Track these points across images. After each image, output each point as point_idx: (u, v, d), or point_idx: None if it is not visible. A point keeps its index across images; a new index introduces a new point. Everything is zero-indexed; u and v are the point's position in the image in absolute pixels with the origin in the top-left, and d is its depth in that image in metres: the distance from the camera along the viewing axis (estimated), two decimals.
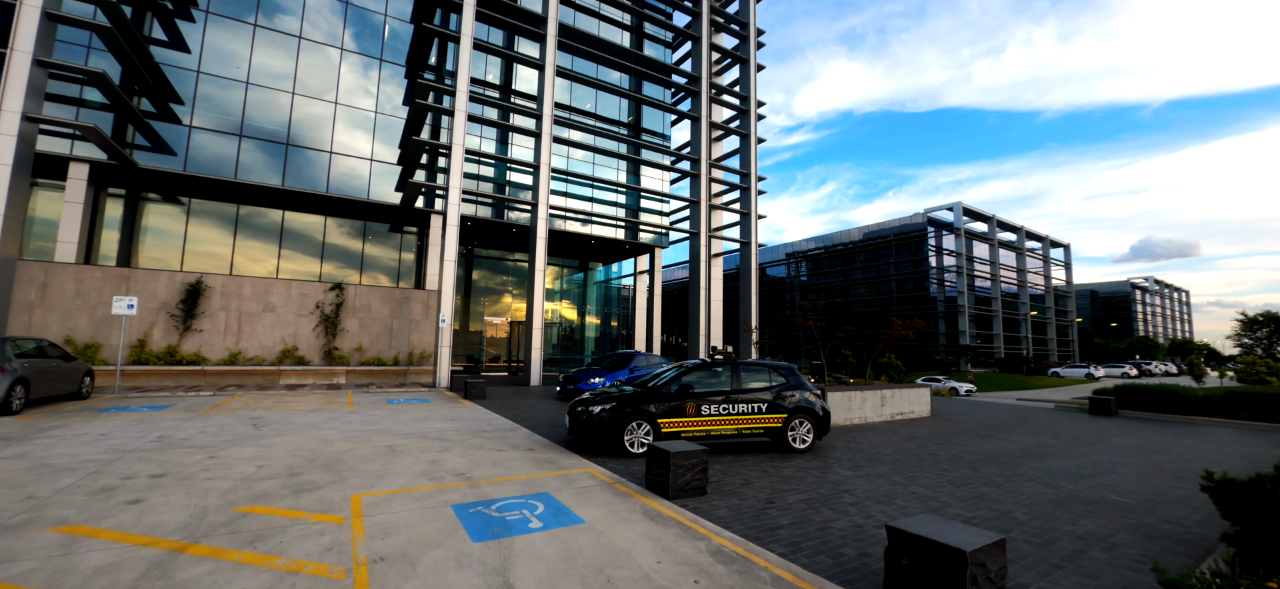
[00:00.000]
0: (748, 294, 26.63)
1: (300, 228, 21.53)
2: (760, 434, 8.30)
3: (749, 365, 8.64)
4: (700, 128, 25.49)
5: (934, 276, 67.29)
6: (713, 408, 7.90)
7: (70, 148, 16.69)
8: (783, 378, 8.66)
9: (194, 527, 4.60)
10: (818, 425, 8.63)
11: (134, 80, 17.80)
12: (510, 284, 30.57)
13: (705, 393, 7.98)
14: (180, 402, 12.37)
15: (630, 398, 7.81)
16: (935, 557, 3.47)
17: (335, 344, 19.02)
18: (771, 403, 8.28)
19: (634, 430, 7.60)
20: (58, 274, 15.96)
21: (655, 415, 7.66)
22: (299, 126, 19.92)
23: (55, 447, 7.34)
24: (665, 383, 8.11)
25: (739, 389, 8.20)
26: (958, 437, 11.28)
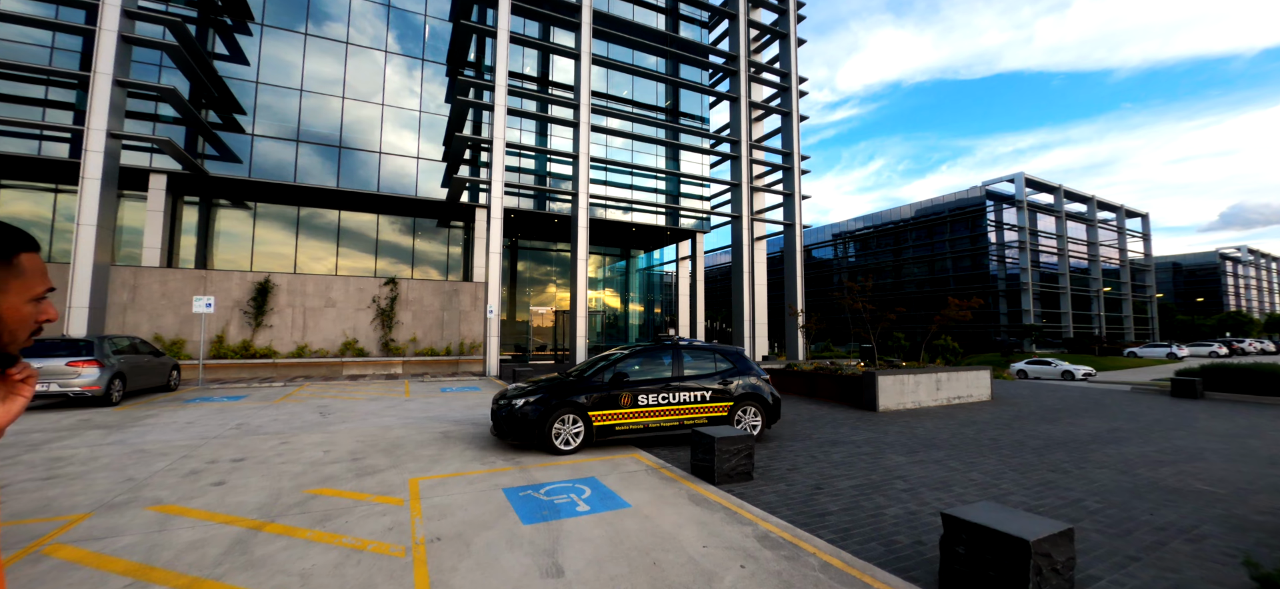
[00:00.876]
0: (793, 277, 26.05)
1: (355, 227, 22.58)
2: (704, 424, 7.62)
3: (693, 350, 8.06)
4: (739, 108, 24.96)
5: (994, 253, 63.69)
6: (652, 398, 7.33)
7: (149, 161, 18.06)
8: (729, 362, 8.11)
9: (270, 507, 4.95)
10: (767, 413, 8.04)
11: (201, 94, 19.05)
12: (554, 274, 31.08)
13: (643, 381, 7.41)
14: (255, 392, 13.30)
15: (557, 389, 7.16)
16: (995, 546, 3.31)
17: (391, 336, 19.92)
18: (717, 391, 7.76)
19: (562, 426, 6.95)
20: (145, 277, 17.37)
21: (586, 407, 7.04)
22: (350, 129, 20.83)
23: (149, 433, 8.05)
24: (597, 371, 7.47)
25: (681, 377, 7.64)
26: (1020, 421, 10.71)
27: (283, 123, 19.95)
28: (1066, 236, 67.51)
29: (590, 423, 7.07)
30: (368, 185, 20.82)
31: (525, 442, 6.95)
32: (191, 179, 19.24)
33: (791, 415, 10.76)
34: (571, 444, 6.97)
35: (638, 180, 26.44)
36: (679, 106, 27.51)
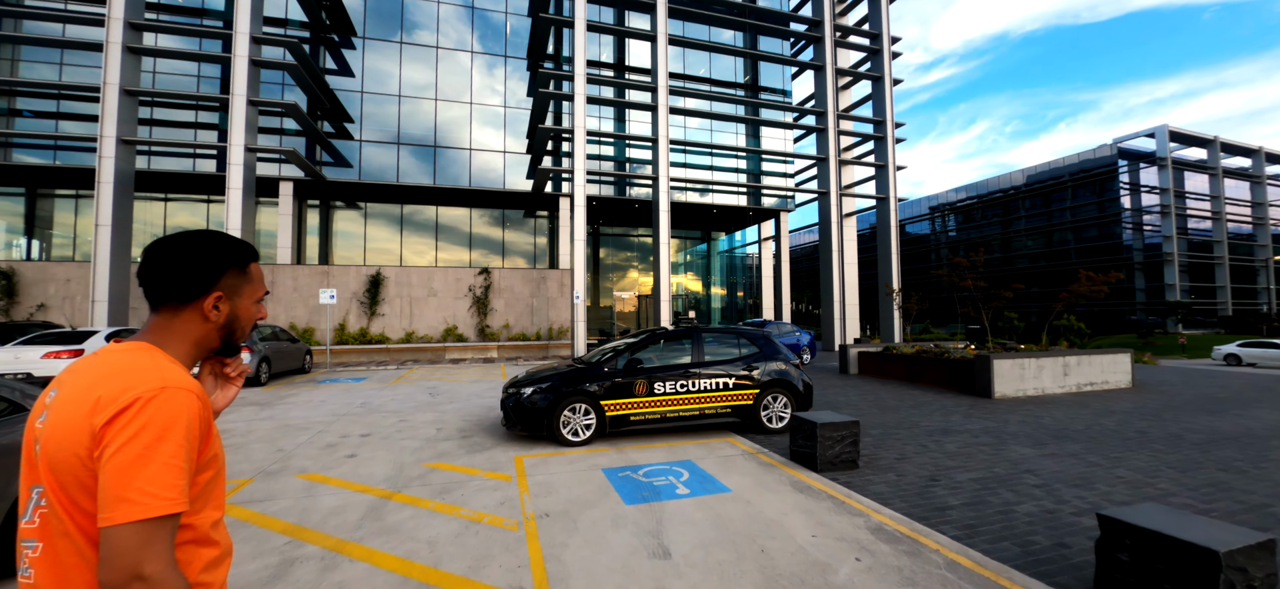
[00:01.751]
0: (887, 254, 24.43)
1: (450, 221, 24.09)
2: (727, 413, 7.20)
3: (715, 333, 7.63)
4: (825, 77, 23.60)
5: (1128, 220, 55.86)
6: (669, 385, 6.91)
7: (278, 170, 20.31)
8: (754, 346, 7.58)
9: (396, 478, 5.40)
10: (797, 400, 7.48)
11: (316, 107, 21.06)
12: (635, 260, 31.39)
13: (660, 368, 7.01)
14: (373, 374, 14.66)
15: (567, 377, 6.81)
16: (1172, 555, 2.86)
17: (486, 322, 21.12)
18: (741, 378, 7.25)
19: (572, 415, 6.64)
20: (278, 274, 19.61)
21: (597, 396, 6.69)
22: (442, 129, 22.15)
23: (292, 410, 9.10)
24: (610, 357, 7.10)
25: (701, 362, 7.18)
26: (1173, 412, 9.33)
27: (384, 128, 21.62)
28: (1223, 198, 57.78)
29: (602, 413, 6.72)
30: (460, 181, 22.08)
31: (533, 431, 6.67)
32: (312, 184, 21.41)
33: (893, 402, 10.11)
34: (581, 435, 6.64)
35: (717, 160, 25.92)
36: (758, 81, 26.52)
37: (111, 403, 0.96)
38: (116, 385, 0.98)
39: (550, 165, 20.83)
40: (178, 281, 1.11)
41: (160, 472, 0.95)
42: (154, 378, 1.00)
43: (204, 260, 1.13)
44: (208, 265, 1.13)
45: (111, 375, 1.00)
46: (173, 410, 0.98)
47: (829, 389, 11.87)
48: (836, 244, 23.65)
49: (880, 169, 24.68)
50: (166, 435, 0.97)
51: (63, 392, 1.03)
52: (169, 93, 17.75)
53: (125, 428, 0.95)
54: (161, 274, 1.10)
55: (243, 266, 1.19)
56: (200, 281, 1.12)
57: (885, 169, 24.30)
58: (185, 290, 1.11)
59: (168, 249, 1.12)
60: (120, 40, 16.05)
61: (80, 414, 0.97)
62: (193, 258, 1.12)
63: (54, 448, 0.99)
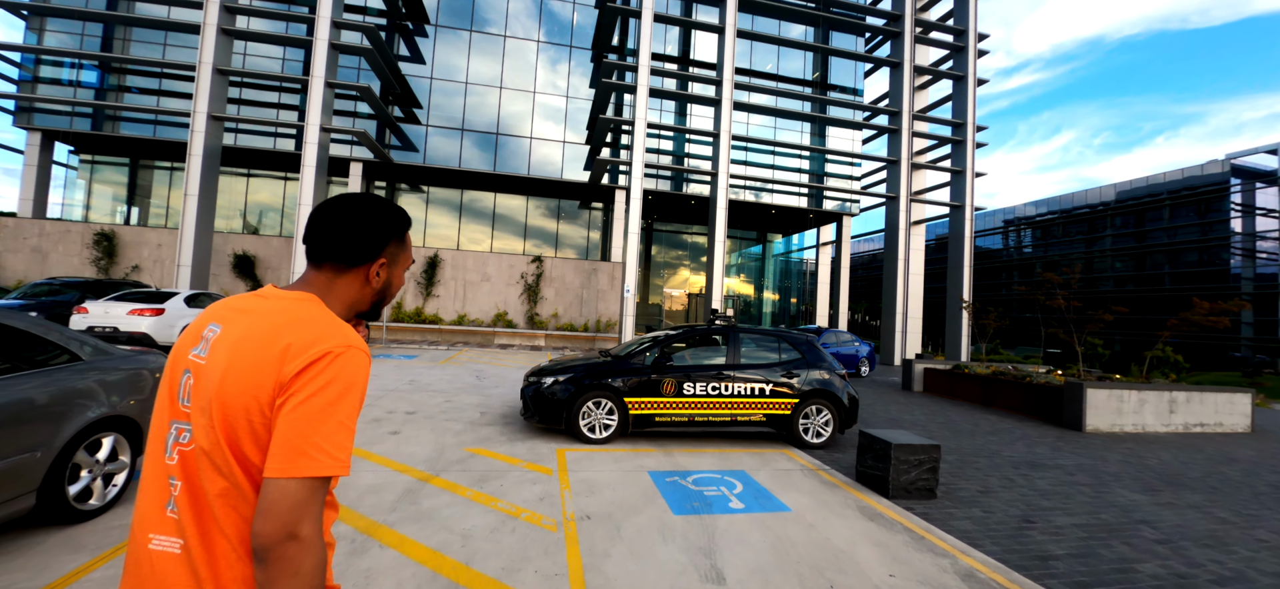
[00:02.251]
0: (959, 266, 22.80)
1: (507, 208, 24.42)
2: (761, 422, 6.64)
3: (754, 334, 6.99)
4: (901, 74, 22.23)
5: (1237, 245, 50.13)
6: (700, 387, 6.38)
7: (350, 152, 21.15)
8: (796, 351, 6.91)
9: (435, 460, 5.23)
10: (840, 415, 6.80)
11: (387, 92, 21.78)
12: (687, 258, 30.88)
13: (690, 367, 6.50)
14: (425, 353, 14.93)
15: (592, 369, 6.38)
16: None
17: (536, 310, 21.23)
18: (779, 384, 6.61)
19: (592, 410, 6.22)
20: None
21: (621, 392, 6.24)
22: (505, 119, 22.41)
23: None
24: (639, 351, 6.65)
25: (736, 364, 6.60)
26: None
27: (450, 115, 22.11)
28: None
29: (626, 410, 6.28)
30: (518, 170, 22.30)
31: (551, 423, 6.28)
32: (380, 166, 22.19)
33: (967, 425, 9.19)
34: (601, 433, 6.23)
35: (779, 159, 25.01)
36: (828, 78, 25.36)
37: (302, 352, 0.95)
38: (306, 335, 0.97)
39: (608, 157, 20.66)
40: (349, 244, 1.11)
41: (336, 431, 0.94)
42: (340, 334, 1.00)
43: (376, 227, 1.14)
44: (379, 232, 1.14)
45: (297, 323, 0.99)
46: (355, 370, 0.98)
47: (891, 406, 11.02)
48: (903, 253, 22.28)
49: (956, 175, 23.04)
50: (347, 394, 0.96)
51: (235, 330, 1.00)
52: (256, 73, 18.80)
53: (313, 379, 0.94)
54: (334, 234, 1.10)
55: (402, 237, 1.20)
56: (370, 247, 1.13)
57: (962, 175, 22.65)
58: (355, 253, 1.12)
59: (343, 211, 1.12)
60: (216, 22, 17.09)
61: (268, 358, 0.95)
62: (366, 223, 1.13)
63: (232, 388, 0.94)
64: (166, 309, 11.56)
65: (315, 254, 1.11)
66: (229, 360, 0.96)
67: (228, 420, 0.94)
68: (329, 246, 1.10)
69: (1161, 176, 56.50)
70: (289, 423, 0.91)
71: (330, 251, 1.11)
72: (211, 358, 0.98)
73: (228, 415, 0.94)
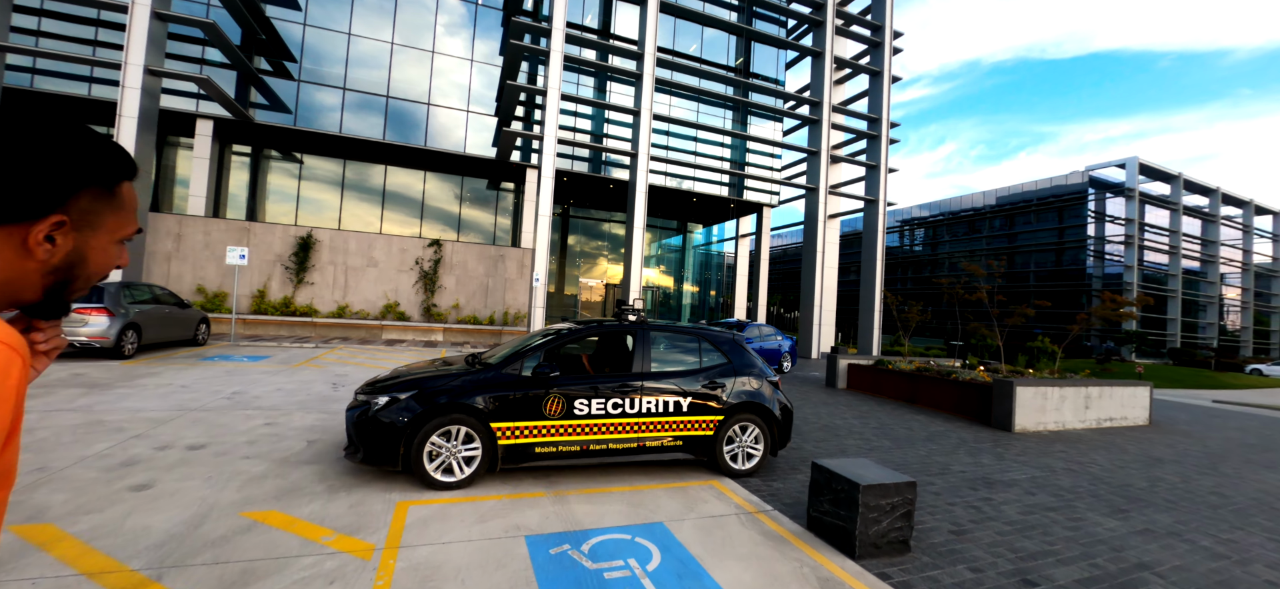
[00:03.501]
0: (872, 259, 23.07)
1: (401, 185, 21.47)
2: (676, 446, 5.08)
3: (669, 332, 5.47)
4: (822, 65, 21.97)
5: (1091, 247, 56.88)
6: (597, 404, 4.75)
7: (196, 106, 17.38)
8: (720, 354, 5.48)
9: (182, 540, 3.27)
10: (773, 432, 5.44)
11: (250, 40, 18.15)
12: (605, 248, 29.34)
13: (586, 378, 4.91)
14: (280, 353, 12.20)
15: (447, 382, 4.54)
16: None
17: (433, 301, 18.72)
18: (701, 396, 5.14)
19: (443, 443, 4.37)
20: (189, 226, 16.77)
21: (486, 414, 4.47)
22: (398, 79, 19.53)
23: (126, 399, 6.73)
24: (514, 358, 4.79)
25: (646, 374, 5.02)
26: (1227, 461, 7.92)
27: (331, 70, 18.87)
28: (1181, 232, 59.52)
29: (493, 438, 4.48)
30: (414, 139, 19.54)
31: (384, 463, 4.34)
32: (239, 127, 18.51)
33: (902, 430, 8.41)
34: (460, 472, 4.40)
35: (701, 147, 24.07)
36: (751, 65, 24.74)
37: None
38: None
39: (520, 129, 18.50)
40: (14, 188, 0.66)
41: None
42: None
43: (47, 162, 0.68)
44: (52, 171, 0.68)
45: None
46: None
47: (819, 408, 10.15)
48: (820, 245, 22.14)
49: (871, 169, 23.27)
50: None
51: None
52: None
53: None
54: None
55: (109, 187, 0.75)
56: (35, 194, 0.68)
57: (877, 170, 22.90)
58: (8, 202, 0.67)
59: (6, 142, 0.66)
60: None
61: None
62: (28, 154, 0.67)
63: None
64: None
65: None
66: None
67: None
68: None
69: (1033, 184, 62.88)
70: None
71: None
72: None
73: None
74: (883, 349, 25.54)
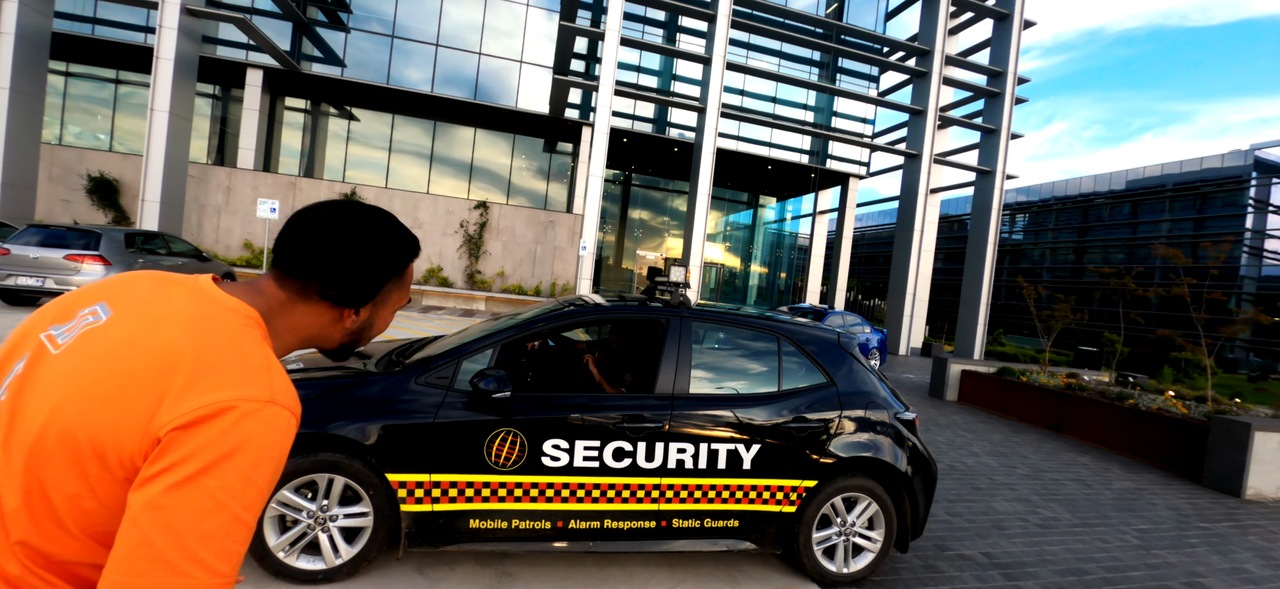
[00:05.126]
0: (982, 244, 19.37)
1: (450, 143, 20.25)
2: (730, 530, 2.85)
3: (725, 323, 3.25)
4: (936, 6, 18.29)
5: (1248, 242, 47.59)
6: (586, 449, 2.61)
7: (246, 56, 16.79)
8: (815, 367, 3.10)
9: None
10: (902, 510, 3.07)
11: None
12: (669, 222, 27.15)
13: (567, 400, 2.75)
14: None
15: (327, 395, 2.49)
16: None
17: (478, 267, 17.45)
18: (774, 441, 2.85)
19: (307, 499, 2.45)
20: (238, 180, 16.33)
21: (383, 457, 2.44)
22: (448, 27, 18.09)
23: None
24: (442, 357, 2.69)
25: (681, 395, 2.80)
26: None
27: (380, 17, 17.73)
28: None
29: (393, 501, 2.49)
30: (463, 94, 18.12)
31: None
32: (289, 78, 17.87)
33: (1072, 487, 5.75)
34: (331, 555, 2.48)
35: (780, 108, 21.12)
36: (845, 15, 21.30)
37: (198, 395, 0.61)
38: (211, 373, 0.63)
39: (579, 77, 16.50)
40: (340, 273, 0.79)
41: (231, 529, 0.59)
42: (261, 381, 0.65)
43: (382, 260, 0.83)
44: (383, 267, 0.83)
45: (205, 347, 0.65)
46: (271, 439, 0.63)
47: (932, 431, 7.56)
48: (919, 223, 18.75)
49: (989, 134, 19.40)
50: (254, 475, 0.61)
51: (119, 330, 0.65)
52: None
53: (206, 446, 0.59)
54: (320, 257, 0.77)
55: (403, 271, 0.88)
56: (367, 284, 0.82)
57: (996, 135, 19.02)
58: (344, 288, 0.80)
59: (341, 227, 0.79)
60: None
61: (143, 391, 0.60)
62: (371, 252, 0.81)
63: (74, 411, 0.59)
64: None
65: (285, 264, 0.77)
66: (89, 369, 0.62)
67: (46, 462, 0.59)
68: (308, 266, 0.77)
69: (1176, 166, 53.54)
70: (158, 510, 0.55)
71: (307, 271, 0.77)
72: (68, 352, 0.64)
73: (49, 456, 0.59)
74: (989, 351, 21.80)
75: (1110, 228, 57.60)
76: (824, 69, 21.59)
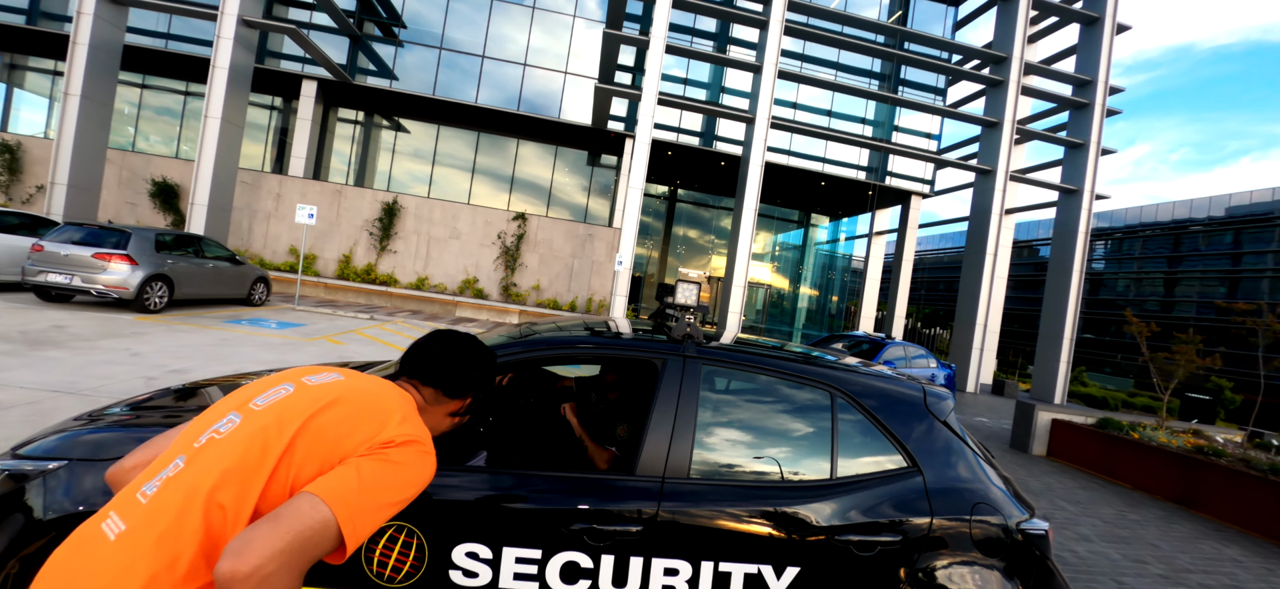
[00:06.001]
0: (1066, 271, 17.30)
1: (493, 154, 20.12)
2: None
3: (750, 367, 2.10)
4: (1013, 9, 16.65)
5: None
6: (529, 557, 1.65)
7: (301, 68, 17.23)
8: (890, 438, 2.03)
9: None
10: None
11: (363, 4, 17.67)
12: (714, 241, 26.15)
13: (499, 480, 1.73)
14: (325, 322, 10.85)
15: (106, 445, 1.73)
16: None
17: (513, 280, 17.01)
18: (824, 557, 1.79)
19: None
20: (288, 187, 16.63)
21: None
22: (495, 37, 18.00)
23: (43, 364, 5.13)
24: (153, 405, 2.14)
25: (680, 478, 1.81)
26: None
27: (428, 29, 17.85)
28: None
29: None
30: (508, 103, 17.92)
31: None
32: (340, 89, 18.23)
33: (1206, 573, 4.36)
34: None
35: (836, 121, 19.85)
36: (910, 20, 19.90)
37: (405, 426, 1.17)
38: (412, 423, 1.20)
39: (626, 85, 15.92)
40: (461, 382, 1.38)
41: (378, 510, 1.06)
42: (426, 439, 1.21)
43: (490, 372, 1.45)
44: (488, 377, 1.44)
45: (408, 413, 1.22)
46: (423, 475, 1.16)
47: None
48: (991, 246, 16.93)
49: (1074, 150, 17.41)
50: (404, 490, 1.12)
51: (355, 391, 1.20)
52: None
53: (398, 451, 1.12)
54: (451, 369, 1.37)
55: (486, 387, 1.47)
56: (476, 387, 1.42)
57: (1083, 151, 17.02)
58: (461, 388, 1.39)
59: (463, 352, 1.40)
60: None
61: (377, 412, 1.16)
62: (484, 368, 1.43)
63: (332, 419, 1.11)
64: None
65: (424, 374, 1.36)
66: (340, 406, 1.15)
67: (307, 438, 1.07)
68: (441, 375, 1.36)
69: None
70: (357, 469, 1.06)
71: (439, 379, 1.36)
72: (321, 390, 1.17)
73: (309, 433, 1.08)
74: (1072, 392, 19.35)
75: (1207, 258, 51.97)
76: (884, 80, 20.18)
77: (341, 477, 1.00)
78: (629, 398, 2.56)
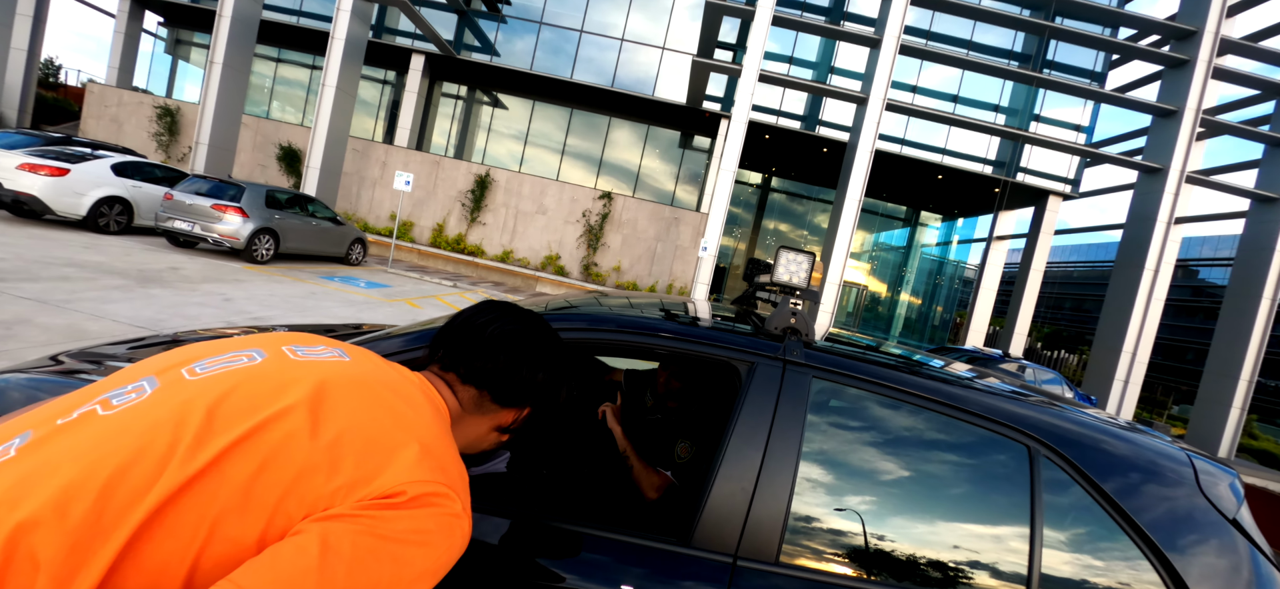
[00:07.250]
0: (1253, 294, 14.11)
1: (584, 131, 19.99)
2: None
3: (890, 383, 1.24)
4: None
5: None
6: None
7: (411, 43, 17.97)
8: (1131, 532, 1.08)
9: None
10: None
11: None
12: (808, 236, 24.52)
13: None
14: (409, 286, 11.10)
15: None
16: None
17: (594, 259, 16.79)
18: None
19: None
20: (393, 156, 17.48)
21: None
22: (593, 10, 17.73)
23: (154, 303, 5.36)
24: None
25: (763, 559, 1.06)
26: None
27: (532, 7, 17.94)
28: None
29: None
30: (602, 79, 17.63)
31: None
32: (445, 63, 18.86)
33: None
34: None
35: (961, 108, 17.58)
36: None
37: (425, 464, 0.65)
38: (438, 456, 0.68)
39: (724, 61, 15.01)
40: (519, 384, 0.88)
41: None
42: (456, 489, 0.67)
43: (561, 375, 0.93)
44: (559, 381, 0.92)
45: (432, 437, 0.70)
46: (444, 557, 0.64)
47: None
48: (1154, 258, 14.15)
49: (1275, 146, 14.07)
50: (418, 582, 0.62)
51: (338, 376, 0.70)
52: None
53: (409, 515, 0.62)
54: (509, 364, 0.86)
55: None
56: (541, 394, 0.91)
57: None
58: (518, 394, 0.89)
59: (528, 342, 0.89)
60: None
61: (383, 432, 0.67)
62: (554, 367, 0.91)
63: (305, 431, 0.62)
64: (73, 170, 8.70)
65: (465, 366, 0.86)
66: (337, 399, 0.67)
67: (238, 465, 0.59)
68: (490, 375, 0.86)
69: None
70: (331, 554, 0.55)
71: (487, 380, 0.86)
72: (305, 369, 0.71)
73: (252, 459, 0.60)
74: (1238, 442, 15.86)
75: None
76: (1026, 61, 17.51)
77: (291, 565, 0.53)
78: (694, 408, 1.84)
